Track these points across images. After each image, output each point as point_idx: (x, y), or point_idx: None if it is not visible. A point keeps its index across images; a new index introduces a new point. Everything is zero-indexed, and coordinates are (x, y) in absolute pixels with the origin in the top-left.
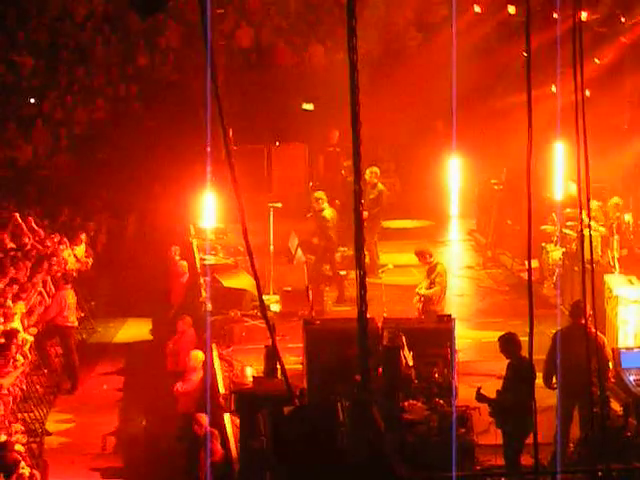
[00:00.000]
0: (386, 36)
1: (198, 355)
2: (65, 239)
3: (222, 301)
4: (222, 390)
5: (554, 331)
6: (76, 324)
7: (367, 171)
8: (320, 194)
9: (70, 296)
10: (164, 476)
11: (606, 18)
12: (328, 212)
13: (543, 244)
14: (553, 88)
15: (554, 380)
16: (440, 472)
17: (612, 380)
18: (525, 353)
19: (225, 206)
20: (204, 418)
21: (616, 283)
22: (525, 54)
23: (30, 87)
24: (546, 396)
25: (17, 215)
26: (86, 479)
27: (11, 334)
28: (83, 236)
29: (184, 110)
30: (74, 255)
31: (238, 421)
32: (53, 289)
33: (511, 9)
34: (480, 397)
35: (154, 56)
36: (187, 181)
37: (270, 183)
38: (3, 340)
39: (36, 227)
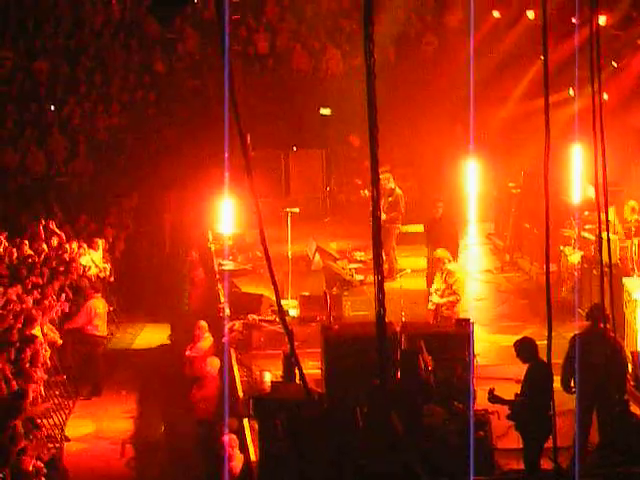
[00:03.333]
0: (403, 40)
1: (214, 362)
2: (84, 245)
3: (240, 306)
4: (241, 395)
5: (572, 335)
6: (105, 333)
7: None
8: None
9: (101, 306)
10: None
11: (623, 21)
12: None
13: (561, 247)
14: (570, 92)
15: (572, 384)
16: (459, 476)
17: (631, 383)
18: (543, 357)
19: (243, 211)
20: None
21: (635, 286)
22: (542, 58)
23: (49, 94)
24: (565, 400)
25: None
26: None
27: (30, 340)
28: (100, 242)
29: (201, 116)
30: (92, 261)
31: (257, 426)
32: (71, 296)
33: (530, 14)
34: (493, 398)
35: (171, 62)
36: (205, 187)
37: (288, 188)
38: (19, 345)
39: (59, 232)
